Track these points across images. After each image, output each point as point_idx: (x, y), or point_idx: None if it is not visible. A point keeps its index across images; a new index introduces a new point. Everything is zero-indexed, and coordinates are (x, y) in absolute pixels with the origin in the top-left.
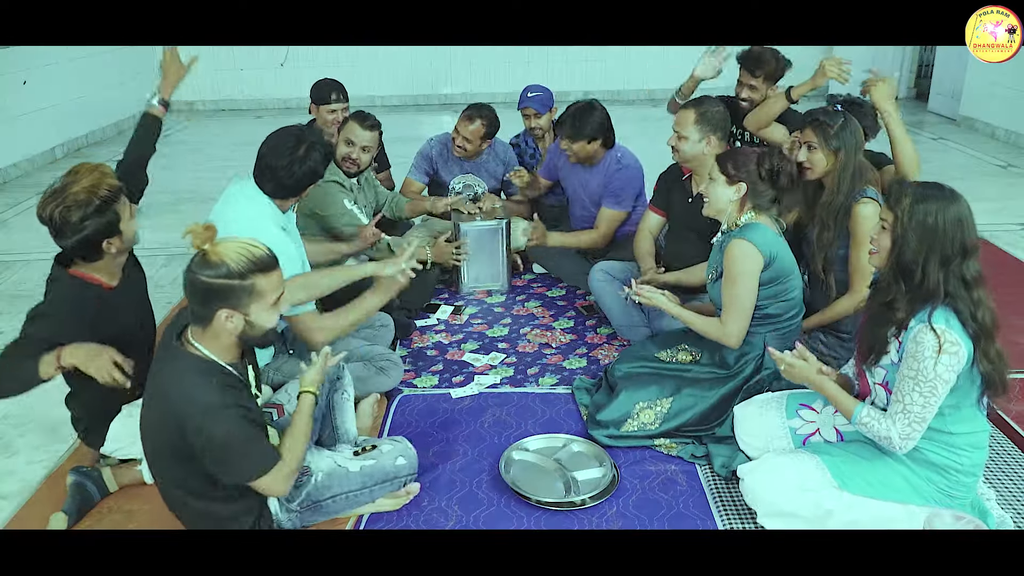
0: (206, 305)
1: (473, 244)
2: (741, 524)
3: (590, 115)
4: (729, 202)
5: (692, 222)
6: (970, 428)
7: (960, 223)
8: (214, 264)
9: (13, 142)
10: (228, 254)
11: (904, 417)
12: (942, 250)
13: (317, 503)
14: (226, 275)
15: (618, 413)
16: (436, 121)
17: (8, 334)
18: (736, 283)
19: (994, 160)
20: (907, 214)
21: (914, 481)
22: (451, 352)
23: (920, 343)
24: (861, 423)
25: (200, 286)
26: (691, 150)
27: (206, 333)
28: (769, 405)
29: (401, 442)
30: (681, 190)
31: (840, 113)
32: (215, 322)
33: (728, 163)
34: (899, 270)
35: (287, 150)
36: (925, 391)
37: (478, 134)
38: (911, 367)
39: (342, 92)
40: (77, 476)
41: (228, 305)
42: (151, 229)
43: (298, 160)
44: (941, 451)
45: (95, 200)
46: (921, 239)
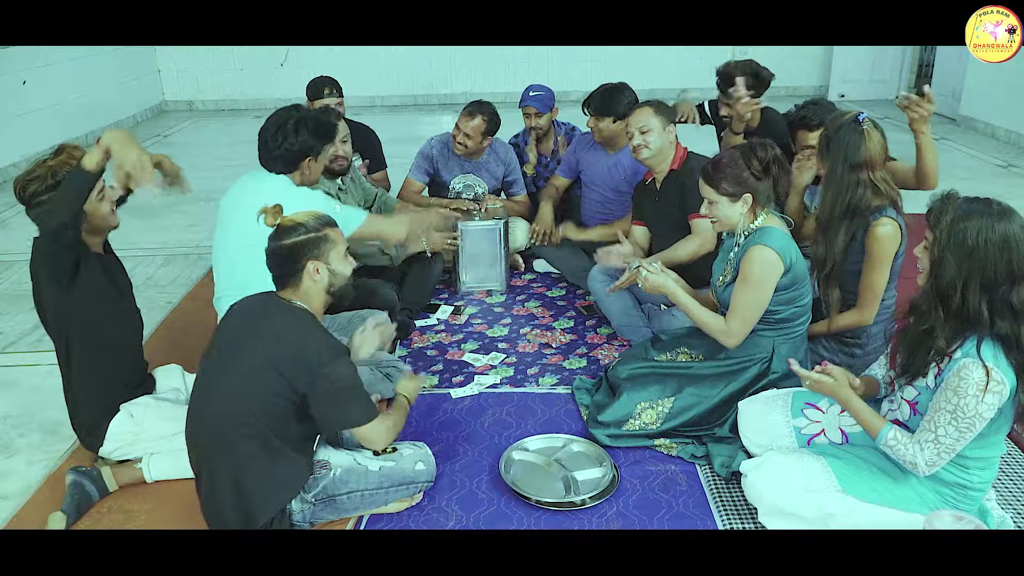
0: (295, 262)
1: (473, 244)
2: (741, 524)
3: (620, 94)
4: (740, 215)
5: (665, 218)
6: (987, 453)
7: (1007, 243)
8: (292, 228)
9: (13, 142)
10: (299, 217)
11: (934, 447)
12: (983, 273)
13: (332, 497)
14: (304, 231)
15: (620, 414)
16: (436, 121)
17: (8, 334)
18: (754, 289)
19: (994, 160)
20: (946, 234)
21: (920, 490)
22: (451, 352)
23: (964, 380)
24: (886, 445)
25: (285, 249)
26: (659, 140)
27: (298, 294)
28: (774, 403)
29: (422, 448)
30: (648, 195)
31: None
32: (304, 279)
33: (722, 183)
34: (937, 294)
35: (279, 126)
36: (962, 427)
37: (479, 130)
38: (950, 400)
39: (336, 87)
40: (76, 475)
41: (313, 256)
42: (151, 229)
43: (290, 132)
44: (953, 470)
45: (52, 177)
46: (960, 262)
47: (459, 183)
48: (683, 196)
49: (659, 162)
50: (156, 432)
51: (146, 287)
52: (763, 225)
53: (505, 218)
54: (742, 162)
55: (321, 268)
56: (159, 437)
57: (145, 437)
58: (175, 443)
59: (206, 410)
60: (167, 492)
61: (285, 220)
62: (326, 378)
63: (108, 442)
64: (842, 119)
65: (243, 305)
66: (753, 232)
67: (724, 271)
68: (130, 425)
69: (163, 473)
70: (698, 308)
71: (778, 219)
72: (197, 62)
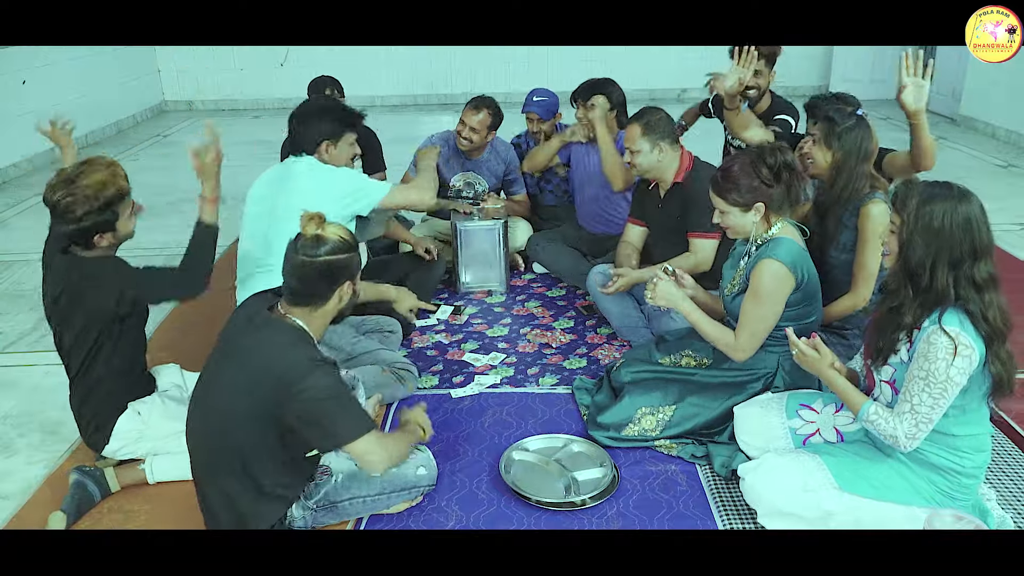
0: (332, 282)
1: (472, 244)
2: (741, 524)
3: (609, 85)
4: (753, 224)
5: (666, 226)
6: (973, 431)
7: (969, 224)
8: (334, 243)
9: (13, 142)
10: (340, 232)
11: (911, 417)
12: (951, 253)
13: (334, 504)
14: (347, 249)
15: (620, 417)
16: (436, 121)
17: (8, 334)
18: (763, 305)
19: (994, 160)
20: (913, 217)
21: (915, 482)
22: (451, 352)
23: (933, 344)
24: (868, 420)
25: (321, 265)
26: (646, 161)
27: (316, 312)
28: (769, 405)
29: (424, 452)
30: (651, 198)
31: (853, 115)
32: (333, 297)
33: (732, 194)
34: (907, 274)
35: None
36: (935, 392)
37: (485, 124)
38: (922, 367)
39: (337, 86)
40: (79, 475)
41: (350, 276)
42: (151, 230)
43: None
44: (943, 453)
45: (101, 198)
46: (928, 242)
47: (459, 181)
48: (685, 211)
49: (658, 176)
50: (160, 431)
51: None
52: (777, 235)
53: (505, 218)
54: (751, 170)
55: (354, 287)
56: (163, 436)
57: (149, 435)
58: (178, 443)
59: (198, 425)
60: (167, 492)
61: (329, 231)
62: (311, 395)
63: (114, 440)
64: (846, 112)
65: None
66: (766, 243)
67: (733, 279)
68: (136, 423)
69: (165, 474)
70: (707, 324)
71: (793, 228)
72: (197, 62)
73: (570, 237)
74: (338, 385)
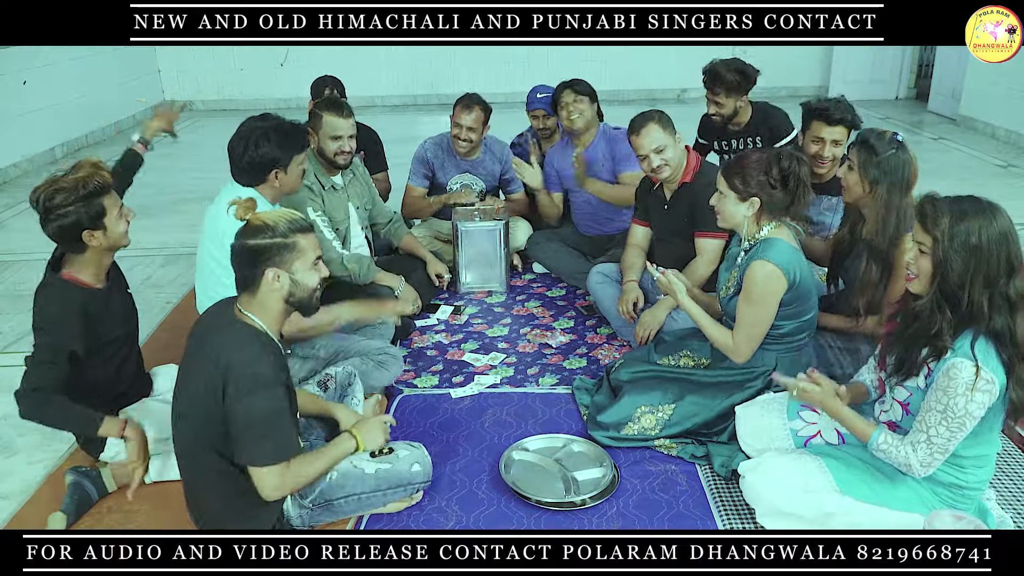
0: (254, 267)
1: (473, 244)
2: (741, 524)
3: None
4: (744, 217)
5: (673, 227)
6: (981, 451)
7: (1005, 239)
8: (259, 228)
9: (13, 142)
10: (269, 218)
11: (927, 447)
12: (987, 271)
13: (329, 502)
14: (271, 235)
15: (619, 416)
16: (436, 121)
17: (8, 334)
18: (757, 306)
19: (994, 160)
20: (947, 236)
21: (919, 491)
22: (451, 352)
23: (953, 379)
24: (878, 450)
25: (247, 249)
26: (674, 155)
27: (255, 300)
28: (771, 406)
29: (418, 449)
30: (656, 199)
31: (893, 143)
32: (263, 285)
33: (735, 178)
34: (944, 296)
35: (243, 137)
36: (953, 427)
37: (480, 120)
38: (940, 400)
39: (338, 86)
40: (75, 476)
41: (274, 264)
42: (151, 229)
43: (254, 144)
44: (948, 470)
45: (81, 189)
46: (966, 262)
47: (456, 183)
48: (693, 212)
49: (675, 176)
50: (154, 435)
51: (145, 287)
52: (769, 236)
53: (506, 218)
54: (764, 166)
55: (282, 276)
56: (157, 440)
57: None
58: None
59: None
60: (167, 492)
61: (255, 218)
62: (245, 407)
63: (109, 447)
64: (884, 139)
65: (212, 311)
66: (758, 244)
67: (728, 281)
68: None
69: (162, 473)
70: (707, 321)
71: (787, 229)
72: (197, 62)
73: (570, 237)
74: (271, 411)
